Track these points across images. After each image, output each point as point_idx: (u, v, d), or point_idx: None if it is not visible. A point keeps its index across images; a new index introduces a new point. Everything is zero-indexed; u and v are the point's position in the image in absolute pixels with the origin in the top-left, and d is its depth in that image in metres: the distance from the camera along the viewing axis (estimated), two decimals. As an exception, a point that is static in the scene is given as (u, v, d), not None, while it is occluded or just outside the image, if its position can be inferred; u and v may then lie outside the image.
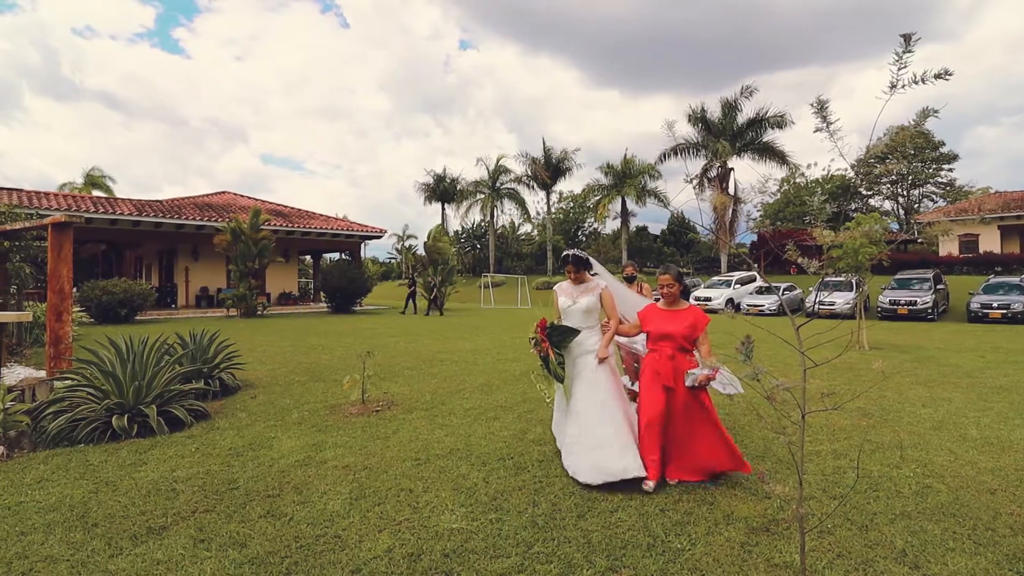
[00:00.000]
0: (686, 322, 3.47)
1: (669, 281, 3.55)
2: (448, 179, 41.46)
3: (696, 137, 31.77)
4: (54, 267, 6.35)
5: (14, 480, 3.69)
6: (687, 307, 3.58)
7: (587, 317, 3.71)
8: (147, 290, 16.57)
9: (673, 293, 3.57)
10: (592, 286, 3.76)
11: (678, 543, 2.71)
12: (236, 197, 26.81)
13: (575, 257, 3.83)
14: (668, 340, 3.47)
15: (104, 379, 5.02)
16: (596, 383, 3.57)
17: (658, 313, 3.63)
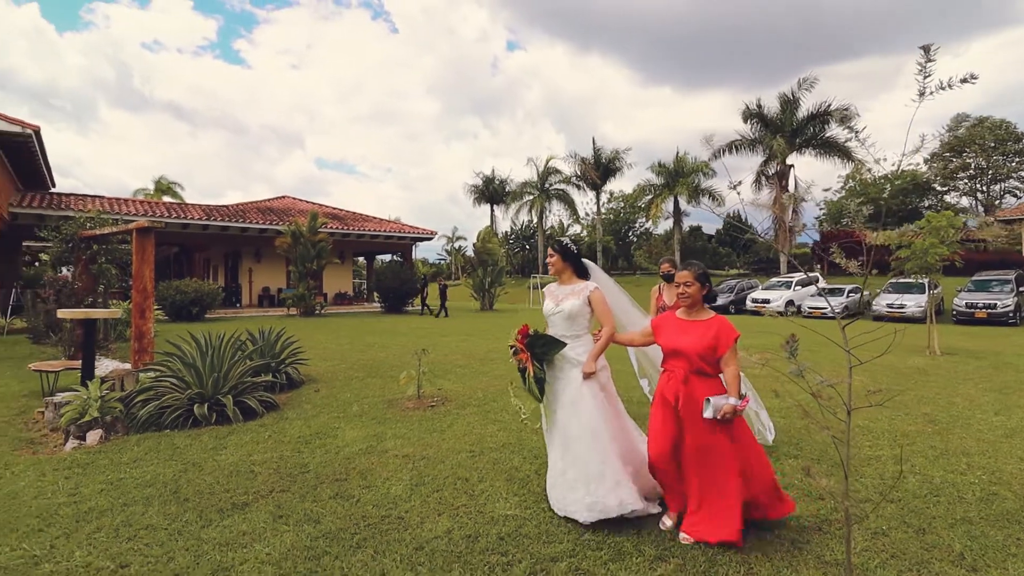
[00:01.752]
0: (705, 337, 2.71)
1: (687, 279, 2.82)
2: (497, 181, 41.94)
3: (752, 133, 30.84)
4: (138, 268, 6.98)
5: (113, 459, 4.16)
6: (710, 317, 2.82)
7: (572, 324, 3.12)
8: (215, 290, 17.71)
9: (691, 296, 2.81)
10: (579, 288, 3.16)
11: (725, 538, 2.79)
12: (295, 201, 28.13)
13: (560, 245, 3.23)
14: (681, 358, 2.78)
15: (186, 371, 5.52)
16: (579, 404, 2.99)
17: (672, 322, 2.91)
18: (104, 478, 3.75)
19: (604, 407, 3.04)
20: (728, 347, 2.69)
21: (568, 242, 3.26)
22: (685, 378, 2.74)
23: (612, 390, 3.18)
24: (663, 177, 34.84)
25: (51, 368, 6.69)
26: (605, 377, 3.13)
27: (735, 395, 2.61)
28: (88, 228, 9.60)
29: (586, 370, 3.02)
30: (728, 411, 2.59)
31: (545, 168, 38.70)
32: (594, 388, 3.03)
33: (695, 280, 2.83)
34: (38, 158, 16.15)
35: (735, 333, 2.72)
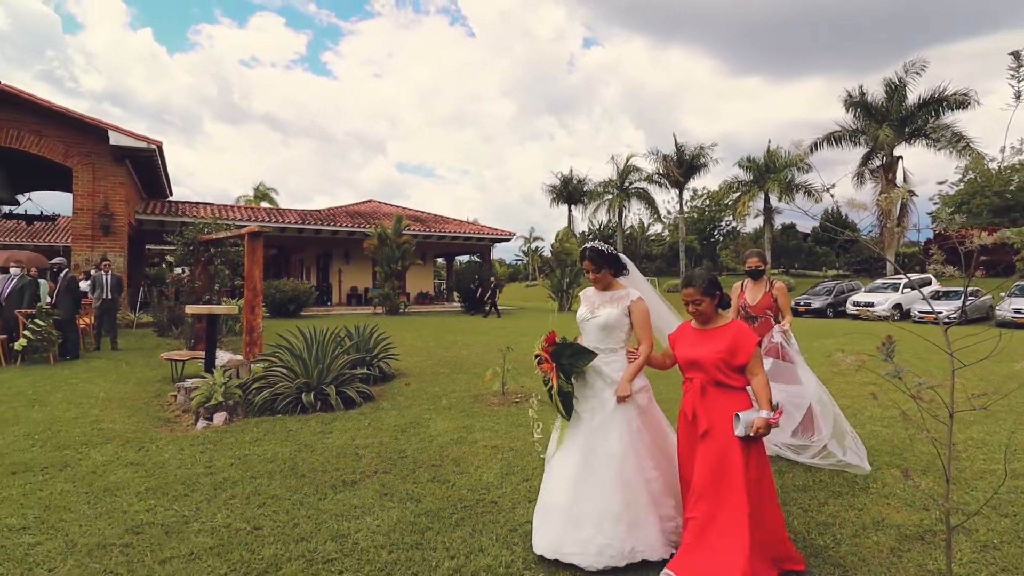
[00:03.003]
0: (720, 344, 2.50)
1: (693, 296, 2.58)
2: (575, 180, 41.88)
3: (854, 123, 28.74)
4: (249, 269, 7.78)
5: (238, 438, 4.74)
6: (725, 323, 2.63)
7: (607, 336, 2.77)
8: (309, 289, 19.15)
9: (704, 312, 2.61)
10: (619, 295, 2.81)
11: (821, 541, 2.79)
12: (380, 205, 29.68)
13: (593, 251, 2.84)
14: (698, 369, 2.58)
15: (295, 362, 6.13)
16: (609, 430, 2.64)
17: (687, 333, 2.72)
18: (232, 454, 4.31)
19: (639, 436, 2.64)
20: (748, 355, 2.46)
21: (598, 245, 2.87)
22: (702, 390, 2.53)
23: (656, 414, 2.80)
24: (752, 173, 33.28)
25: (179, 357, 7.63)
26: (645, 399, 2.73)
27: (766, 407, 2.38)
28: (206, 232, 10.76)
29: (620, 393, 2.62)
30: (761, 425, 2.34)
31: (625, 166, 38.16)
32: (629, 413, 2.65)
33: (703, 295, 2.58)
34: (159, 170, 18.23)
35: (754, 338, 2.53)
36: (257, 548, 2.81)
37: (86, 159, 15.33)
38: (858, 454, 3.81)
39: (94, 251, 15.11)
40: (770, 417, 2.35)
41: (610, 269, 2.85)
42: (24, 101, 14.54)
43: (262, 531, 3.01)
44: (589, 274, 2.87)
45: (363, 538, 2.91)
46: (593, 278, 2.87)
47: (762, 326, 4.18)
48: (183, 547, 2.83)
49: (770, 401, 2.39)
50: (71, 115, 15.07)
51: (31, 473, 3.88)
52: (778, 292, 4.25)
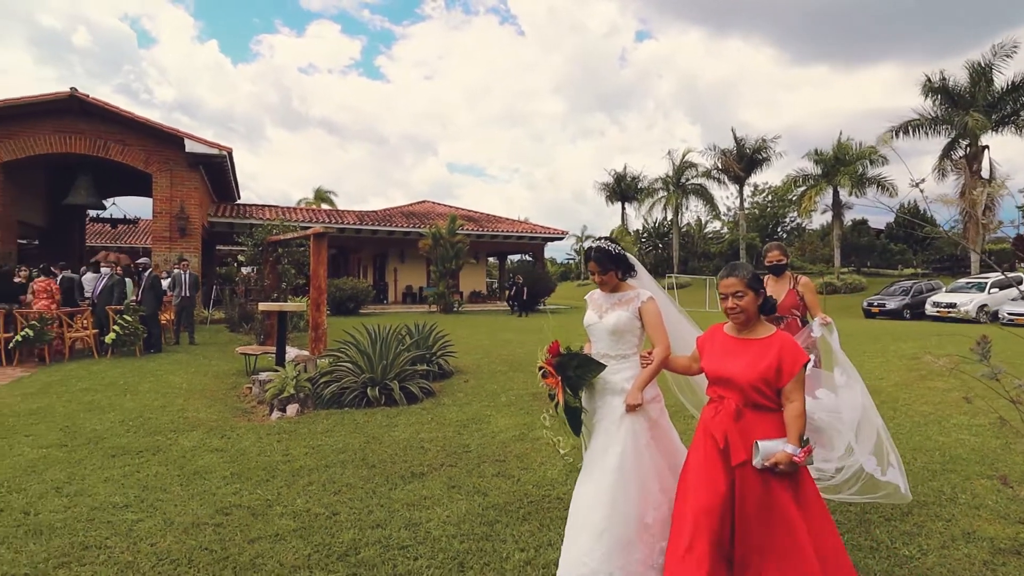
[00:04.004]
0: (762, 360, 2.09)
1: (736, 287, 2.18)
2: (629, 177, 41.28)
3: (934, 111, 26.92)
4: (314, 268, 8.15)
5: (310, 429, 5.01)
6: (768, 334, 2.18)
7: (617, 341, 2.54)
8: (367, 287, 19.83)
9: (745, 309, 2.17)
10: (628, 296, 2.58)
11: (906, 551, 2.69)
12: (434, 205, 30.29)
13: (599, 252, 2.60)
14: (730, 387, 2.16)
15: (360, 357, 6.40)
16: (611, 442, 2.40)
17: (721, 340, 2.28)
18: (306, 443, 4.56)
19: (647, 452, 2.40)
20: (793, 375, 2.05)
21: (604, 244, 2.63)
22: (737, 413, 2.11)
23: (667, 426, 2.54)
24: (820, 166, 31.76)
25: (253, 352, 8.11)
26: (656, 411, 2.49)
27: (794, 440, 2.01)
28: (274, 234, 11.34)
29: (630, 401, 2.38)
30: (782, 461, 1.98)
31: (681, 162, 37.29)
32: (638, 425, 2.41)
33: (747, 288, 2.16)
34: (229, 175, 19.31)
35: (803, 356, 2.10)
36: (336, 532, 2.98)
37: (164, 166, 16.46)
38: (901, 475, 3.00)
39: (171, 252, 16.20)
40: (796, 454, 1.98)
41: (617, 270, 2.60)
42: (110, 113, 15.76)
43: (339, 516, 3.19)
44: (594, 276, 2.64)
45: (434, 527, 3.03)
46: (599, 280, 2.63)
47: (787, 327, 3.74)
48: (268, 528, 3.04)
49: (801, 435, 2.02)
50: (151, 125, 16.22)
51: (128, 456, 4.24)
52: (804, 288, 3.82)
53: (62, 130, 15.52)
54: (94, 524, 3.08)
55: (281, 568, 2.64)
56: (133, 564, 2.67)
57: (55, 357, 8.85)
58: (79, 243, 20.87)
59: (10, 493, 3.50)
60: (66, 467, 3.97)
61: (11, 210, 15.54)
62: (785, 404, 2.08)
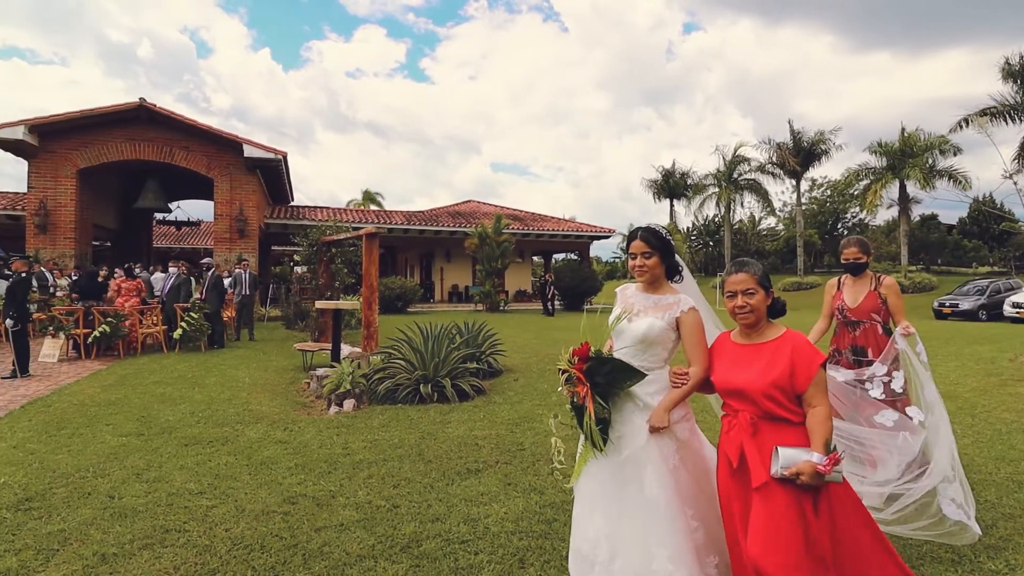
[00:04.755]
0: (774, 365, 1.91)
1: (747, 284, 1.99)
2: (678, 173, 40.42)
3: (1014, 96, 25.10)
4: (366, 267, 8.36)
5: (367, 423, 5.15)
6: (778, 335, 2.00)
7: (644, 351, 2.24)
8: (415, 286, 20.23)
9: (756, 309, 1.98)
10: (668, 301, 2.26)
11: (992, 565, 2.54)
12: (480, 205, 30.55)
13: (647, 230, 2.30)
14: (742, 399, 1.97)
15: (413, 355, 6.53)
16: (638, 468, 2.16)
17: (727, 348, 2.11)
18: (364, 437, 4.70)
19: (677, 475, 2.15)
20: (810, 378, 1.85)
21: (661, 228, 2.32)
22: (752, 426, 1.92)
23: (698, 447, 2.27)
24: (884, 158, 30.17)
25: (309, 348, 8.40)
26: (686, 431, 2.22)
27: (819, 449, 1.79)
28: (328, 234, 11.72)
29: (654, 423, 2.14)
30: (805, 472, 1.75)
31: (733, 156, 36.20)
32: (666, 447, 2.16)
33: (758, 285, 1.98)
34: (284, 178, 20.09)
35: (819, 356, 1.90)
36: (398, 524, 3.07)
37: (225, 170, 17.28)
38: (968, 509, 2.60)
39: (231, 252, 17.00)
40: (821, 463, 1.74)
41: (663, 257, 2.29)
42: (175, 121, 16.67)
43: (399, 509, 3.27)
44: (637, 259, 2.29)
45: (493, 523, 3.07)
46: (640, 265, 2.28)
47: (865, 334, 3.40)
48: (333, 518, 3.15)
49: (827, 442, 1.80)
50: (213, 132, 17.04)
51: (200, 446, 4.49)
52: (887, 290, 3.40)
53: (132, 138, 16.53)
54: (172, 509, 3.27)
55: (347, 557, 2.73)
56: (210, 548, 2.83)
57: (128, 351, 9.45)
58: (147, 244, 22.16)
59: (96, 478, 3.76)
60: (144, 455, 4.24)
61: (87, 214, 16.67)
62: (807, 410, 1.87)
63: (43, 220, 15.45)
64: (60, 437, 4.67)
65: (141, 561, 2.69)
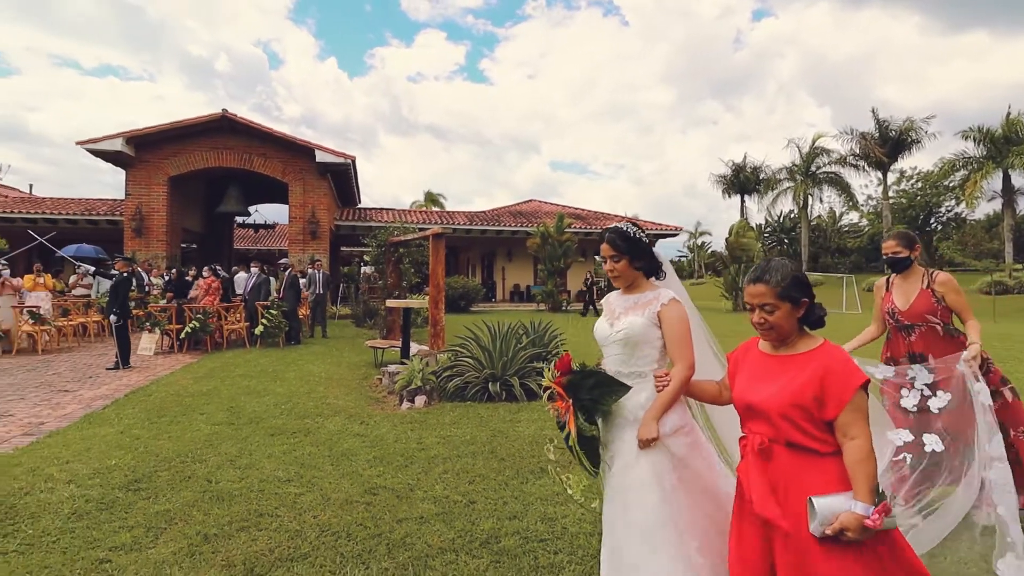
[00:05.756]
0: (797, 382, 1.59)
1: (763, 298, 1.67)
2: (749, 168, 38.86)
3: None
4: (433, 267, 8.54)
5: (438, 420, 5.27)
6: (812, 347, 1.66)
7: (631, 355, 2.08)
8: (477, 286, 20.52)
9: (776, 326, 1.67)
10: (647, 298, 2.10)
11: None
12: (541, 204, 30.59)
13: (612, 231, 2.13)
14: (758, 419, 1.68)
15: (481, 353, 6.63)
16: (628, 488, 1.98)
17: (753, 359, 1.79)
18: (437, 433, 4.81)
19: (674, 499, 1.91)
20: (843, 403, 1.51)
21: (623, 225, 2.14)
22: (763, 451, 1.63)
23: (702, 468, 2.00)
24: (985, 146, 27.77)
25: (380, 345, 8.70)
26: (683, 446, 1.98)
27: (864, 496, 1.46)
28: (395, 235, 12.09)
29: (641, 435, 1.93)
30: (850, 527, 1.43)
31: (811, 148, 34.41)
32: (660, 464, 1.94)
33: (779, 300, 1.64)
34: (352, 181, 20.89)
35: (857, 376, 1.54)
36: (476, 520, 3.12)
37: (298, 175, 18.18)
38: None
39: (304, 253, 17.86)
40: (867, 515, 1.42)
41: (634, 259, 2.10)
42: (254, 130, 17.71)
43: (476, 505, 3.32)
44: (606, 264, 2.15)
45: (571, 524, 3.06)
46: (610, 269, 2.13)
47: (922, 338, 3.01)
48: (413, 511, 3.25)
49: (873, 487, 1.46)
50: (287, 139, 17.98)
51: (284, 436, 4.74)
52: (943, 287, 2.99)
53: (215, 147, 17.70)
54: (264, 495, 3.48)
55: (429, 549, 2.81)
56: (300, 533, 2.98)
57: (215, 346, 10.12)
58: (228, 246, 23.66)
59: (194, 463, 4.06)
60: (235, 443, 4.53)
61: (177, 218, 18.00)
62: (843, 442, 1.52)
63: (139, 224, 16.81)
64: (160, 424, 5.06)
65: (239, 542, 2.88)
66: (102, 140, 16.26)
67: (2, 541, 2.88)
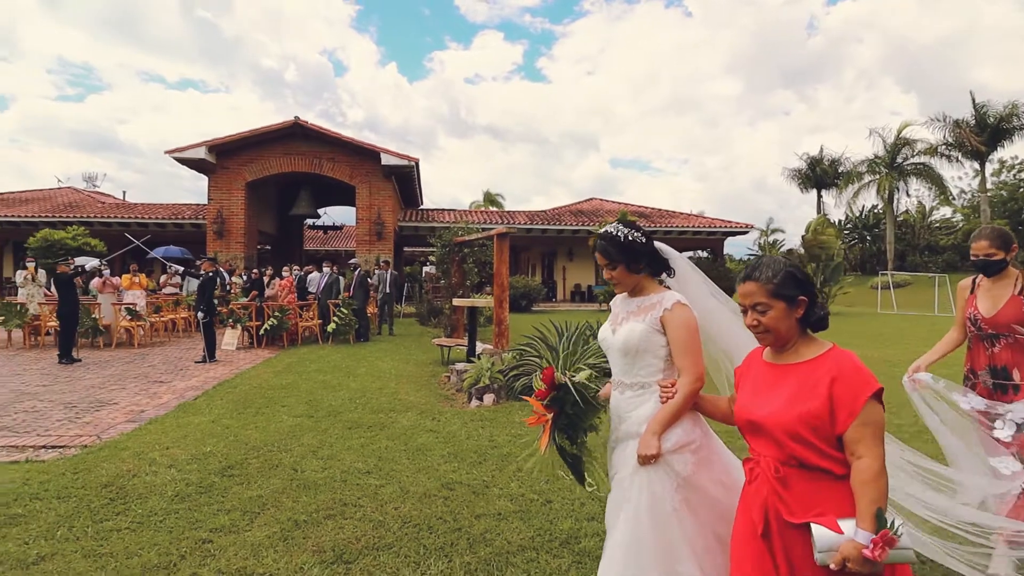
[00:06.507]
0: (805, 394, 1.44)
1: (754, 297, 1.53)
2: (826, 160, 36.85)
3: None
4: (498, 267, 8.59)
5: (508, 418, 5.31)
6: (818, 354, 1.49)
7: (632, 364, 1.93)
8: (538, 286, 20.55)
9: (770, 328, 1.52)
10: (650, 302, 1.93)
11: None
12: (602, 202, 30.23)
13: (603, 237, 1.98)
14: (763, 438, 1.51)
15: (548, 352, 6.62)
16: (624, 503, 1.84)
17: (755, 369, 1.64)
18: (507, 431, 4.85)
19: (676, 521, 1.75)
20: (854, 415, 1.36)
21: (613, 229, 1.96)
22: (778, 473, 1.46)
23: (711, 486, 1.80)
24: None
25: (447, 344, 8.86)
26: (689, 465, 1.79)
27: (865, 523, 1.31)
28: (459, 235, 12.29)
29: (641, 451, 1.78)
30: (850, 557, 1.29)
31: (896, 138, 32.21)
32: (660, 484, 1.78)
33: (772, 299, 1.50)
34: (415, 183, 21.41)
35: (869, 384, 1.38)
36: (554, 519, 3.12)
37: (365, 178, 18.83)
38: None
39: (370, 253, 18.48)
40: (867, 546, 1.28)
41: (631, 264, 1.94)
42: (323, 135, 18.49)
43: (553, 505, 3.32)
44: (604, 272, 2.02)
45: (652, 526, 3.00)
46: (609, 277, 2.00)
47: (1007, 351, 2.63)
48: (490, 507, 3.28)
49: (878, 513, 1.30)
50: (355, 143, 18.65)
51: (361, 429, 4.92)
52: None
53: (288, 152, 18.62)
54: (347, 485, 3.62)
55: (509, 546, 2.83)
56: (383, 523, 3.08)
57: (290, 342, 10.65)
58: (299, 247, 24.84)
59: (280, 452, 4.28)
60: (316, 434, 4.74)
61: (253, 221, 19.06)
62: (852, 460, 1.37)
63: (220, 227, 17.93)
64: (247, 415, 5.37)
65: (327, 529, 3.01)
66: (187, 149, 17.45)
67: (116, 519, 3.14)
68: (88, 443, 4.48)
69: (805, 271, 1.55)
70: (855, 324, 16.23)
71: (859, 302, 26.01)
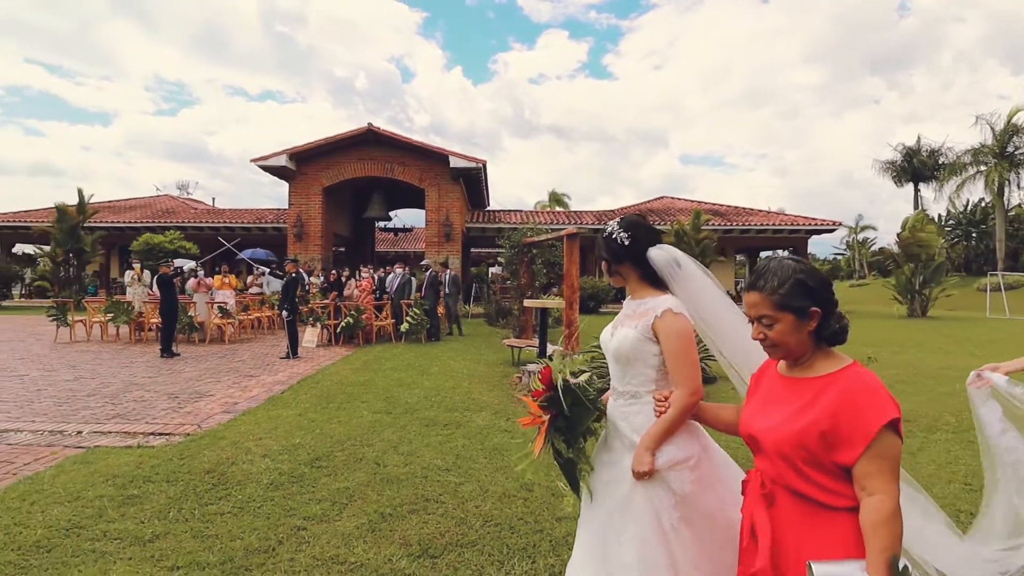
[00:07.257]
0: (806, 411, 1.29)
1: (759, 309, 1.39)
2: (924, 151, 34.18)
3: None
4: (567, 268, 8.55)
5: (583, 421, 5.27)
6: (833, 370, 1.32)
7: (624, 371, 1.85)
8: (607, 287, 20.27)
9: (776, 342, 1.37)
10: (645, 307, 1.81)
11: None
12: (673, 201, 29.47)
13: (600, 245, 1.92)
14: (760, 452, 1.41)
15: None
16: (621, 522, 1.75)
17: (767, 380, 1.50)
18: (583, 434, 4.81)
19: (674, 540, 1.67)
20: (864, 444, 1.19)
21: (615, 231, 1.86)
22: (767, 496, 1.36)
23: (711, 505, 1.70)
24: None
25: (517, 344, 8.92)
26: (687, 482, 1.69)
27: (877, 569, 1.14)
28: (528, 236, 12.35)
29: (634, 467, 1.70)
30: None
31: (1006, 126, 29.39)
32: (659, 501, 1.68)
33: (778, 311, 1.35)
34: (482, 184, 21.71)
35: (887, 411, 1.20)
36: (637, 524, 3.07)
37: (434, 181, 19.32)
38: None
39: (439, 254, 18.92)
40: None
41: (610, 263, 1.88)
42: (395, 140, 19.12)
43: (634, 509, 3.27)
44: (611, 278, 1.96)
45: (743, 537, 2.90)
46: (613, 282, 1.96)
47: None
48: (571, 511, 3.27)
49: (891, 561, 1.13)
50: (424, 147, 19.17)
51: (438, 427, 5.04)
52: None
53: (361, 158, 19.40)
54: (428, 481, 3.72)
55: (592, 549, 2.81)
56: (465, 521, 3.14)
57: (365, 341, 11.08)
58: (371, 249, 25.81)
59: (363, 446, 4.45)
60: (395, 431, 4.90)
61: (329, 224, 19.99)
62: (861, 496, 1.21)
63: (299, 231, 18.93)
64: (330, 409, 5.64)
65: (412, 523, 3.10)
66: (270, 157, 18.55)
67: (219, 503, 3.38)
68: (191, 431, 4.85)
69: (819, 278, 1.38)
70: (960, 329, 14.95)
71: (963, 305, 23.93)
